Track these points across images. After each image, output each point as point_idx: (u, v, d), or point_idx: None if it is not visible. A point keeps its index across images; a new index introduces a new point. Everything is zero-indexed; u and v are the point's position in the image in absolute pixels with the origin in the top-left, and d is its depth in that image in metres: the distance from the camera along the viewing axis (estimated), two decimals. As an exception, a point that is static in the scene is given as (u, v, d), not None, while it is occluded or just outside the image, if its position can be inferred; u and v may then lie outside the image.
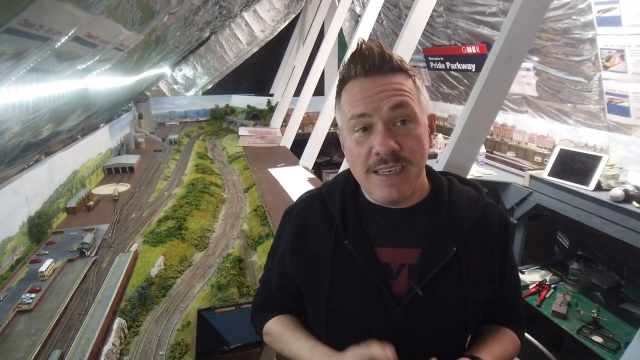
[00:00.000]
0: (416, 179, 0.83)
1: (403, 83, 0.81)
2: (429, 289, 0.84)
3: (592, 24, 2.67)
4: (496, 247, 0.89)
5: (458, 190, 0.92)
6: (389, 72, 0.81)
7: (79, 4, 1.15)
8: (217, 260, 1.96)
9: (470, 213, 0.89)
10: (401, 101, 0.79)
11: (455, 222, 0.86)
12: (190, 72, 7.18)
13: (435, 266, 0.84)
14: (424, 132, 0.83)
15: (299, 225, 0.95)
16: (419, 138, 0.81)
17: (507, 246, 0.93)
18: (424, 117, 0.84)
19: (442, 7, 3.98)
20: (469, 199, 0.91)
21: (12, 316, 1.48)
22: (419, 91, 0.84)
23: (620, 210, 2.36)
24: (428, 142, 0.85)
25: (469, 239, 0.87)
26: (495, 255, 0.89)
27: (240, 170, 3.57)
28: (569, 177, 2.75)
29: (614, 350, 2.21)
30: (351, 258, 0.87)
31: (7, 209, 1.93)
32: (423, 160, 0.84)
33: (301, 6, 7.01)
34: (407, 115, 0.80)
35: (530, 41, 1.73)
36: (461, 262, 0.85)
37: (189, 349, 1.37)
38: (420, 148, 0.81)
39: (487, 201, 0.93)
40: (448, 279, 0.84)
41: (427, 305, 0.84)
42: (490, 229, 0.90)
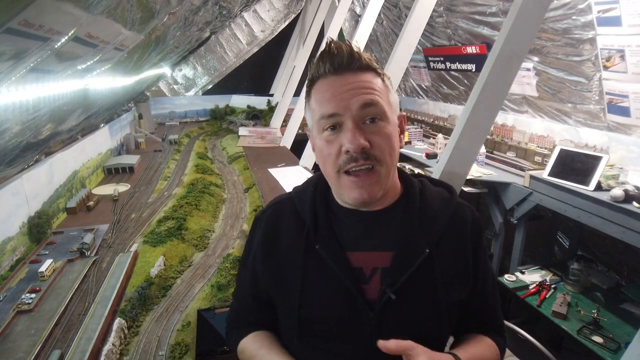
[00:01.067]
0: (386, 180, 0.82)
1: (372, 81, 0.80)
2: (402, 293, 0.82)
3: (592, 24, 2.67)
4: (469, 247, 0.89)
5: (430, 191, 0.91)
6: (358, 71, 0.80)
7: (79, 4, 1.15)
8: (217, 260, 1.96)
9: (442, 214, 0.88)
10: (370, 99, 0.78)
11: (428, 224, 0.85)
12: (190, 72, 7.18)
13: (407, 269, 0.82)
14: (393, 131, 0.82)
15: (270, 230, 0.93)
16: (388, 136, 0.80)
17: (479, 245, 0.91)
18: (393, 117, 0.83)
19: (442, 7, 3.98)
20: (441, 200, 0.91)
21: (12, 316, 1.48)
22: (388, 90, 0.83)
23: (620, 211, 2.36)
24: (398, 142, 0.84)
25: (442, 240, 0.85)
26: (468, 255, 0.88)
27: (240, 170, 3.57)
28: (569, 177, 2.75)
29: (614, 350, 2.21)
30: (322, 263, 0.85)
31: (7, 209, 1.93)
32: (392, 160, 0.82)
33: (301, 6, 7.01)
34: (377, 113, 0.79)
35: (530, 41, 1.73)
36: (434, 264, 0.83)
37: (189, 349, 1.36)
38: (389, 147, 0.80)
39: (458, 201, 0.92)
40: (421, 281, 0.83)
41: (401, 309, 0.82)
42: (463, 229, 0.89)
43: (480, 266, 0.90)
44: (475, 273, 0.89)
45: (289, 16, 7.20)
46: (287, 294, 0.88)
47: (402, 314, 0.82)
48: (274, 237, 0.92)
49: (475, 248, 0.90)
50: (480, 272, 0.90)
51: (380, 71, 0.83)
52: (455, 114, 5.00)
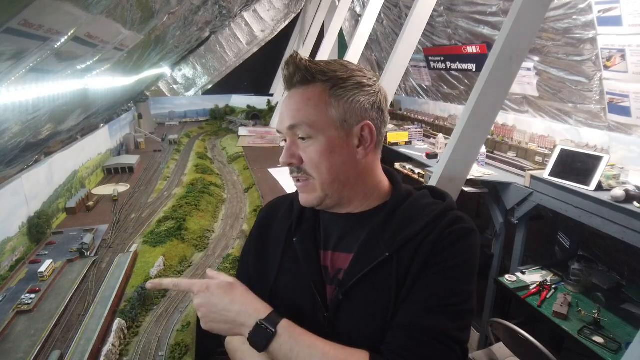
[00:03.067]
0: (325, 191, 0.85)
1: (308, 98, 0.83)
2: (355, 294, 0.82)
3: (592, 23, 2.66)
4: (421, 258, 0.80)
5: (414, 200, 0.89)
6: (302, 85, 0.84)
7: (78, 4, 1.14)
8: (217, 260, 1.96)
9: (415, 221, 0.84)
10: (294, 123, 0.83)
11: (395, 229, 0.84)
12: (190, 72, 7.18)
13: (361, 271, 0.82)
14: (327, 146, 0.83)
15: (264, 221, 1.01)
16: (318, 153, 0.83)
17: (434, 261, 0.79)
18: (332, 131, 0.83)
19: (442, 7, 3.98)
20: (422, 208, 0.87)
21: (12, 317, 1.47)
22: (330, 104, 0.82)
23: (621, 211, 2.36)
24: (345, 155, 0.84)
25: (409, 246, 0.81)
26: (417, 265, 0.80)
27: (240, 170, 3.57)
28: (570, 177, 2.75)
29: (614, 350, 2.20)
30: (296, 257, 0.89)
31: (7, 209, 1.93)
32: (326, 174, 0.84)
33: (301, 6, 7.01)
34: (304, 133, 0.83)
35: (530, 41, 1.73)
36: (394, 268, 0.81)
37: (189, 349, 1.36)
38: (320, 162, 0.83)
39: (441, 211, 0.85)
40: (378, 285, 0.81)
41: (352, 310, 0.83)
42: (427, 237, 0.82)
43: (421, 281, 0.79)
44: (412, 285, 0.80)
45: (289, 16, 7.19)
46: (263, 282, 0.92)
47: (353, 316, 0.83)
48: (267, 228, 0.99)
49: (427, 262, 0.80)
50: (418, 287, 0.79)
51: (329, 82, 0.83)
52: (455, 114, 4.99)
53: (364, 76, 0.86)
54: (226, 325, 0.83)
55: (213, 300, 0.83)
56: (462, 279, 0.81)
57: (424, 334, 0.76)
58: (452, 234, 0.82)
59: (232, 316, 0.82)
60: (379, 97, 0.87)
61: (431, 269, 0.80)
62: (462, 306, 0.79)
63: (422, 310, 0.78)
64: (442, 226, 0.83)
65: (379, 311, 0.81)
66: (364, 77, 0.86)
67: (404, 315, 0.79)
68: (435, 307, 0.78)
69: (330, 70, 0.83)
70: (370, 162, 0.88)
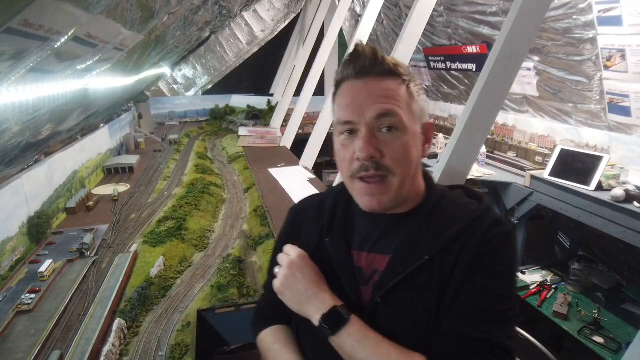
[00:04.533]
0: (399, 190, 0.80)
1: (394, 89, 0.79)
2: (394, 297, 0.81)
3: (592, 23, 2.66)
4: (465, 262, 0.78)
5: (450, 200, 0.86)
6: (380, 76, 0.79)
7: (78, 4, 1.14)
8: (217, 260, 1.96)
9: (454, 223, 0.81)
10: (387, 110, 0.77)
11: (435, 232, 0.81)
12: (190, 72, 7.18)
13: (399, 274, 0.80)
14: (412, 141, 0.80)
15: (295, 219, 0.98)
16: (403, 147, 0.79)
17: (480, 266, 0.77)
18: (414, 126, 0.81)
19: (442, 7, 3.98)
20: (459, 209, 0.84)
21: (12, 317, 1.47)
22: (412, 98, 0.81)
23: (621, 211, 2.36)
24: (419, 152, 0.82)
25: (450, 248, 0.79)
26: (461, 269, 0.78)
27: (240, 170, 3.57)
28: (570, 177, 2.75)
29: (614, 350, 2.20)
30: (329, 258, 0.87)
31: (7, 209, 1.93)
32: (408, 171, 0.81)
33: (301, 6, 7.01)
34: (393, 123, 0.78)
35: (531, 41, 1.72)
36: (434, 272, 0.78)
37: (189, 349, 1.36)
38: (405, 158, 0.79)
39: (482, 214, 0.82)
40: (418, 288, 0.79)
41: (391, 314, 0.81)
42: (469, 243, 0.79)
43: (467, 286, 0.77)
44: (457, 290, 0.77)
45: (289, 16, 7.19)
46: None
47: (390, 319, 0.81)
48: (298, 226, 0.96)
49: (472, 266, 0.77)
50: (465, 293, 0.77)
51: (406, 77, 0.81)
52: (455, 114, 4.99)
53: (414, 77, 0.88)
54: (298, 300, 0.86)
55: (299, 275, 0.86)
56: (508, 284, 0.79)
57: (476, 344, 0.75)
58: (495, 237, 0.79)
59: (310, 295, 0.84)
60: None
61: (478, 274, 0.77)
62: (509, 313, 0.77)
63: (472, 319, 0.76)
64: (484, 229, 0.79)
65: (420, 314, 0.79)
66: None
67: (454, 322, 0.77)
68: (485, 314, 0.76)
69: (401, 66, 0.82)
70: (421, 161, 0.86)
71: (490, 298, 0.77)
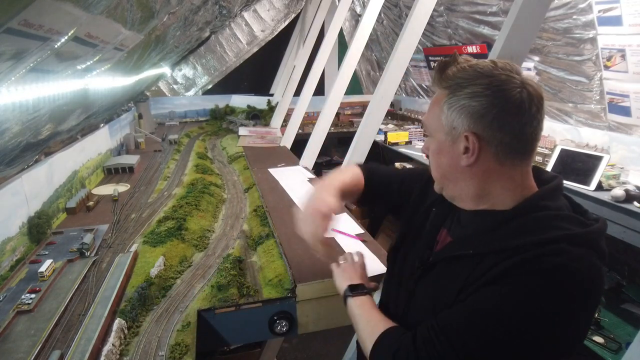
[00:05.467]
0: (438, 182, 0.98)
1: (434, 102, 0.97)
2: (431, 275, 0.95)
3: (592, 23, 2.66)
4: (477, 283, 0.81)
5: (541, 217, 0.82)
6: (437, 86, 0.97)
7: (79, 4, 1.14)
8: (217, 260, 1.95)
9: (513, 236, 0.81)
10: (423, 121, 1.08)
11: (500, 235, 0.84)
12: (190, 72, 7.18)
13: (443, 254, 0.94)
14: (437, 147, 0.95)
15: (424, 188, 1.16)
16: (432, 151, 0.97)
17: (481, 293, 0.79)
18: (440, 135, 0.94)
19: (442, 7, 3.98)
20: (538, 228, 0.80)
21: (12, 317, 1.47)
22: (445, 110, 0.93)
23: (621, 211, 2.36)
24: (446, 159, 0.94)
25: (492, 258, 0.81)
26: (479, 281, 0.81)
27: (240, 170, 3.56)
28: (570, 177, 2.75)
29: (614, 350, 2.21)
30: (426, 223, 1.06)
31: (7, 210, 1.93)
32: (436, 171, 0.97)
33: (301, 6, 7.00)
34: (427, 131, 1.03)
35: (531, 41, 1.72)
36: (467, 269, 0.85)
37: (189, 349, 1.36)
38: (432, 159, 0.97)
39: (551, 240, 0.76)
40: (450, 276, 0.89)
41: (426, 288, 0.96)
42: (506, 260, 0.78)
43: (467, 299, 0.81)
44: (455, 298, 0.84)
45: (289, 16, 7.19)
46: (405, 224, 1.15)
47: (425, 292, 0.96)
48: (426, 190, 1.13)
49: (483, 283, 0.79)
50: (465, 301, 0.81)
51: (447, 87, 0.88)
52: (455, 114, 4.98)
53: (491, 83, 0.81)
54: (342, 279, 1.19)
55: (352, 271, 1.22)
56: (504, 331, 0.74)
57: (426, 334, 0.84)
58: (538, 263, 0.74)
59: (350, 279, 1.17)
60: (509, 100, 0.80)
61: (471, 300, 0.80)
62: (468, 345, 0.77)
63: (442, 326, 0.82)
64: (544, 251, 0.75)
65: (440, 297, 0.89)
66: (491, 83, 0.81)
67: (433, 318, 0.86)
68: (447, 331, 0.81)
69: (455, 77, 0.86)
70: (485, 169, 0.86)
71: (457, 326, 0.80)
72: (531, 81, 0.84)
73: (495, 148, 0.84)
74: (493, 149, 0.84)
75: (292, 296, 1.57)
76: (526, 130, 0.82)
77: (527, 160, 0.87)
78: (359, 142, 2.59)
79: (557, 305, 0.72)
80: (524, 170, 0.88)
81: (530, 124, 0.82)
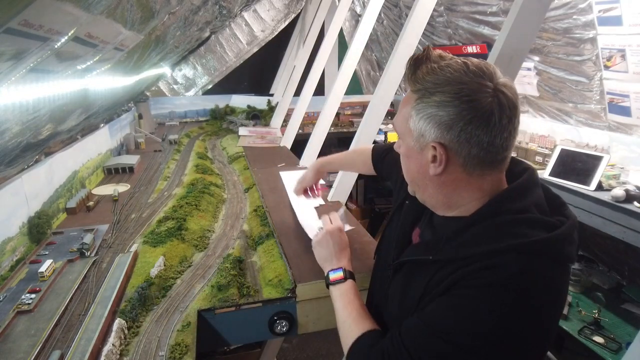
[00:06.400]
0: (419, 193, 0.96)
1: (403, 104, 0.95)
2: (400, 275, 0.97)
3: (593, 23, 2.66)
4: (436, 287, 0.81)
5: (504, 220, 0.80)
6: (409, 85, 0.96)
7: (78, 4, 1.14)
8: (217, 260, 1.95)
9: (473, 244, 0.80)
10: (393, 123, 1.04)
11: (461, 241, 0.83)
12: (190, 72, 7.18)
13: (405, 256, 0.97)
14: (405, 151, 0.95)
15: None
16: (402, 154, 0.97)
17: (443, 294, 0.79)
18: (410, 140, 0.93)
19: (442, 7, 3.98)
20: (496, 233, 0.78)
21: (12, 316, 1.47)
22: (414, 115, 0.93)
23: (621, 211, 2.36)
24: (415, 164, 0.94)
25: (450, 266, 0.82)
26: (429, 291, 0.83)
27: (241, 170, 3.56)
28: (570, 177, 2.75)
29: (615, 350, 2.21)
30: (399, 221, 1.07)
31: (7, 210, 1.93)
32: (406, 174, 0.97)
33: (301, 6, 7.00)
34: (397, 134, 1.02)
35: (531, 41, 1.72)
36: (430, 273, 0.86)
37: (189, 349, 1.36)
38: (402, 163, 0.98)
39: (507, 248, 0.74)
40: (415, 278, 0.91)
41: (396, 286, 0.97)
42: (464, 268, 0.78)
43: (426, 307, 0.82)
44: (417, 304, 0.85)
45: (289, 16, 7.19)
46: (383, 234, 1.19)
47: (395, 291, 0.98)
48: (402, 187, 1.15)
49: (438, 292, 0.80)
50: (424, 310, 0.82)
51: (417, 91, 0.85)
52: (455, 114, 4.98)
53: (460, 91, 0.77)
54: (323, 257, 1.25)
55: (331, 242, 1.23)
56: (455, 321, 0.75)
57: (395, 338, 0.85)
58: (480, 277, 0.74)
59: (331, 256, 1.21)
60: (478, 111, 0.77)
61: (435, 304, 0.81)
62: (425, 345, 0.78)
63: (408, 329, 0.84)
64: (489, 264, 0.74)
65: (405, 300, 0.92)
66: (460, 92, 0.77)
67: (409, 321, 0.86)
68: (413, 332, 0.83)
69: (424, 80, 0.80)
70: (453, 179, 0.84)
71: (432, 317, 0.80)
72: (506, 88, 0.79)
73: (464, 159, 0.81)
74: (461, 160, 0.81)
75: (292, 296, 1.57)
76: (496, 142, 0.78)
77: (498, 168, 0.84)
78: (359, 142, 2.59)
79: (491, 322, 0.71)
80: (494, 178, 0.85)
81: (500, 135, 0.78)
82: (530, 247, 0.73)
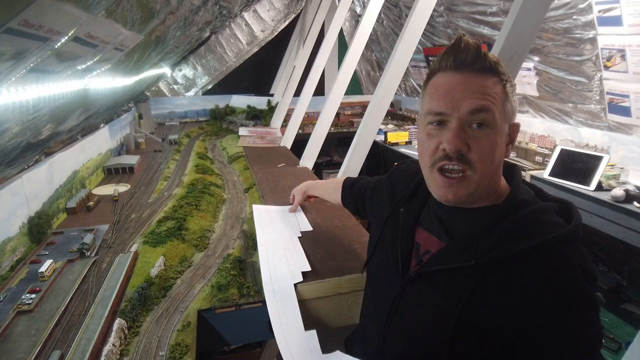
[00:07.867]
0: (477, 187, 0.81)
1: (491, 86, 0.79)
2: (428, 283, 0.85)
3: (592, 23, 2.67)
4: (521, 306, 0.71)
5: (532, 213, 0.79)
6: (479, 72, 0.79)
7: (79, 4, 1.15)
8: (217, 260, 1.95)
9: (520, 240, 0.75)
10: (482, 105, 0.77)
11: (496, 239, 0.77)
12: (190, 72, 7.18)
13: (443, 264, 0.83)
14: (499, 140, 0.80)
15: (396, 177, 1.14)
16: (490, 145, 0.79)
17: (547, 317, 0.69)
18: (504, 126, 0.81)
19: (442, 7, 3.98)
20: (536, 227, 0.76)
21: (12, 317, 1.47)
22: (507, 98, 0.81)
23: (621, 211, 2.36)
24: (503, 152, 0.82)
25: (500, 267, 0.75)
26: (516, 315, 0.71)
27: (241, 170, 3.57)
28: (570, 177, 2.75)
29: (614, 350, 2.21)
30: (397, 225, 0.98)
31: (7, 210, 1.93)
32: (489, 169, 0.80)
33: (301, 6, 7.01)
34: (485, 119, 0.78)
35: (531, 41, 1.72)
36: (473, 279, 0.76)
37: (189, 349, 1.36)
38: (488, 156, 0.79)
39: (555, 240, 0.73)
40: (451, 286, 0.80)
41: (418, 295, 0.87)
42: (528, 279, 0.71)
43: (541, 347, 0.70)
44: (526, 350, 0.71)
45: (289, 16, 7.19)
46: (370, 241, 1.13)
47: (416, 300, 0.87)
48: (393, 185, 1.12)
49: (535, 315, 0.70)
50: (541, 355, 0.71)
51: (504, 76, 0.81)
52: (455, 114, 4.98)
53: None
54: None
55: None
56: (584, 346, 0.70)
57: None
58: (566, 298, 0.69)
59: None
60: None
61: (547, 332, 0.69)
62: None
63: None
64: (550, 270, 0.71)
65: (439, 311, 0.80)
66: None
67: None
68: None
69: (500, 65, 0.81)
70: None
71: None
72: None
73: None
74: None
75: (292, 296, 1.57)
76: None
77: None
78: (359, 142, 2.59)
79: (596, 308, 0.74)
80: None
81: None
82: (570, 235, 0.75)
